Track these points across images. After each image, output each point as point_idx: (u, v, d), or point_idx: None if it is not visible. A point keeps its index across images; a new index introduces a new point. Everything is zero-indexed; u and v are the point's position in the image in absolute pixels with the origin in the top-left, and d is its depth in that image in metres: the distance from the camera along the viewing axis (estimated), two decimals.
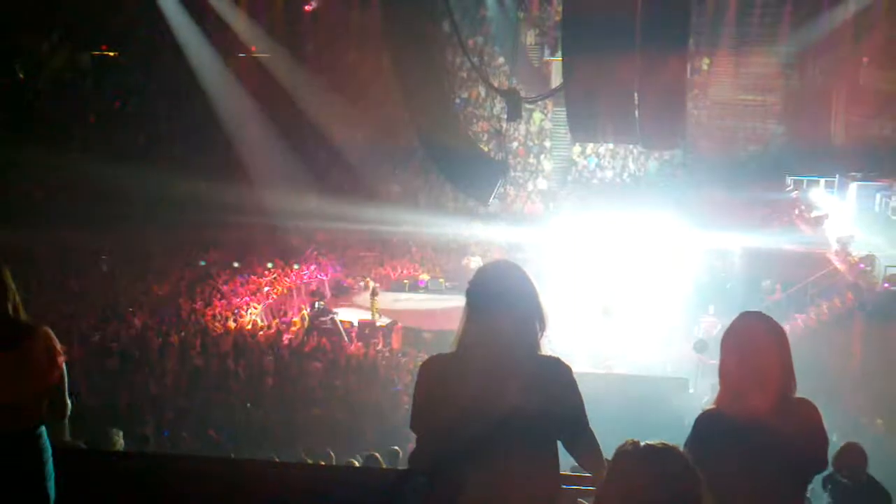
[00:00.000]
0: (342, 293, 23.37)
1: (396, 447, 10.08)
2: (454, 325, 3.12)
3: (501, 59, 29.31)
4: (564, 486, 3.32)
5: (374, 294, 21.37)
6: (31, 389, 3.67)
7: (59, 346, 3.74)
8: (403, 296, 23.05)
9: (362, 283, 22.88)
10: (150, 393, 14.37)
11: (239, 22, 26.90)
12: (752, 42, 25.95)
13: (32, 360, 3.64)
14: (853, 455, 6.19)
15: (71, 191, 23.70)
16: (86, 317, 18.52)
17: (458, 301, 3.19)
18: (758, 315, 3.25)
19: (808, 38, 24.86)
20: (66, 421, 3.89)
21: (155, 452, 9.34)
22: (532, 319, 3.06)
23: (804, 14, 24.78)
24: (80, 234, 21.21)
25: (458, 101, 27.99)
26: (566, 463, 3.12)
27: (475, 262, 23.61)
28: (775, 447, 3.03)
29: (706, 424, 3.21)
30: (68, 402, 3.85)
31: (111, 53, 29.23)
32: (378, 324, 20.35)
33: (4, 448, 3.62)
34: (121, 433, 8.75)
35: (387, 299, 22.09)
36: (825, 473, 6.25)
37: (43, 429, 3.75)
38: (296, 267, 23.57)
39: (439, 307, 21.13)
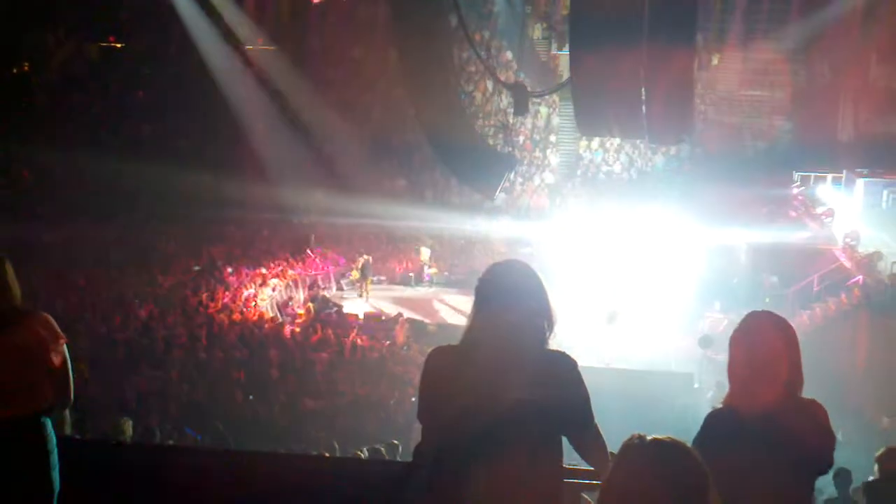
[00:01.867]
0: (347, 286, 23.43)
1: (396, 441, 10.11)
2: (458, 318, 3.12)
3: (508, 54, 29.23)
4: (568, 480, 3.31)
5: (364, 272, 21.55)
6: (33, 374, 3.68)
7: (59, 330, 3.74)
8: (408, 289, 23.13)
9: (352, 268, 23.07)
10: (155, 385, 14.38)
11: (246, 14, 26.89)
12: (759, 37, 25.83)
13: (32, 344, 3.64)
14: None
15: (77, 183, 23.71)
16: (92, 309, 18.53)
17: (463, 295, 3.20)
18: (767, 314, 3.27)
19: (816, 33, 24.73)
20: (68, 414, 3.89)
21: (159, 444, 9.37)
22: (539, 316, 3.06)
23: (813, 9, 24.65)
24: (86, 226, 21.24)
25: (464, 95, 27.91)
26: (569, 457, 3.11)
27: (424, 254, 23.80)
28: (783, 445, 3.03)
29: (716, 422, 3.22)
30: (72, 385, 3.85)
31: (118, 45, 29.23)
32: (383, 317, 20.38)
33: (8, 434, 3.61)
34: (130, 422, 8.80)
35: (392, 292, 22.11)
36: (869, 479, 6.13)
37: (46, 418, 3.75)
38: (301, 260, 23.59)
39: (444, 300, 21.20)
